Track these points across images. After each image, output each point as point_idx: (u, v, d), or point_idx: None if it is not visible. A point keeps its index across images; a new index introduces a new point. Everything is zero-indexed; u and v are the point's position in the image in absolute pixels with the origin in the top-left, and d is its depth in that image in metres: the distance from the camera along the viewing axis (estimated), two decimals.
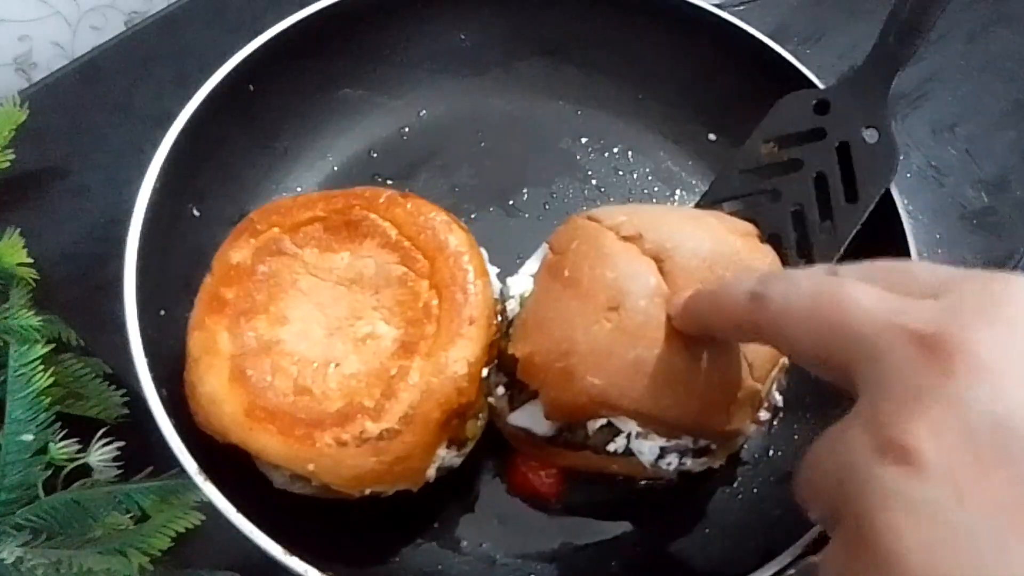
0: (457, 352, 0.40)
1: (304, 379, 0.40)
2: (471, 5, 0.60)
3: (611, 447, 0.42)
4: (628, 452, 0.42)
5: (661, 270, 0.39)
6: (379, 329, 0.41)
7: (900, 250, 0.49)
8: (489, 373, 0.43)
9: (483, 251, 0.45)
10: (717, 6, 0.58)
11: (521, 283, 0.45)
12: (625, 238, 0.40)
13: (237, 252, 0.44)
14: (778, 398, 0.45)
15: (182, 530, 0.44)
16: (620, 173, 0.60)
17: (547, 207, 0.59)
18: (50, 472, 0.44)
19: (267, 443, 0.39)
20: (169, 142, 0.48)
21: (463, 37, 0.61)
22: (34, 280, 0.49)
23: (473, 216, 0.58)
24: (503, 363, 0.42)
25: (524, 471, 0.47)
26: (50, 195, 0.58)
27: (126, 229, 0.45)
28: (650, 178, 0.60)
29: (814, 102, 0.51)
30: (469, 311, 0.41)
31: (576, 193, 0.59)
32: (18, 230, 0.50)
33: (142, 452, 0.45)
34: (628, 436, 0.41)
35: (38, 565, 0.41)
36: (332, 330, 0.42)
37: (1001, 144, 0.66)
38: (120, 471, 0.46)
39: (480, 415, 0.44)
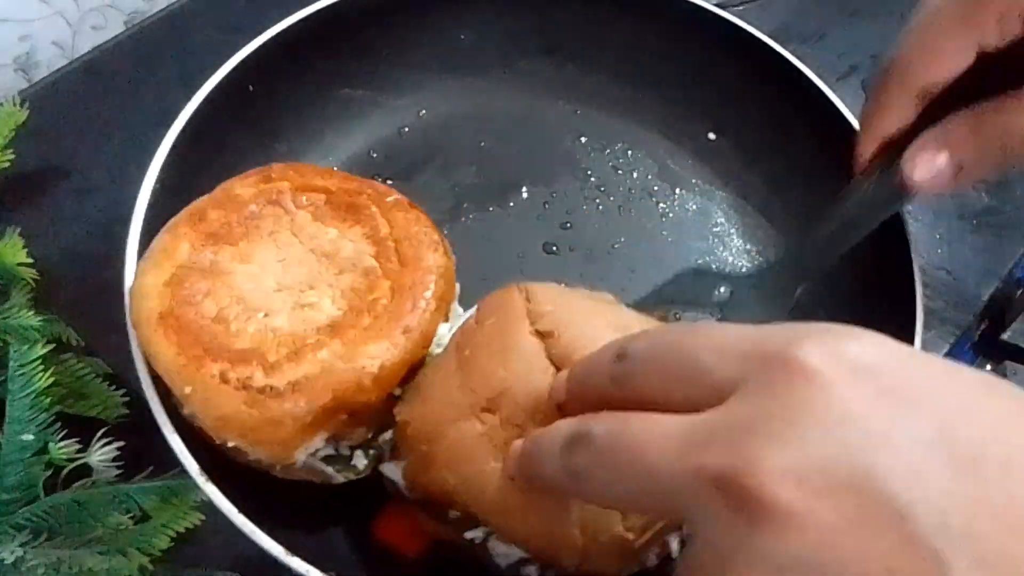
0: (376, 350, 0.39)
1: (229, 313, 0.40)
2: (471, 5, 0.60)
3: (469, 535, 0.39)
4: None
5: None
6: (323, 303, 0.41)
7: (901, 251, 0.49)
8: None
9: (457, 287, 0.45)
10: (718, 5, 0.58)
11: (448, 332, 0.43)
12: (538, 332, 0.37)
13: (242, 187, 0.45)
14: (675, 547, 0.40)
15: (182, 530, 0.44)
16: (620, 172, 0.60)
17: (547, 206, 0.59)
18: (50, 472, 0.44)
19: (162, 350, 0.39)
20: (169, 142, 0.48)
21: (463, 37, 0.61)
22: (34, 280, 0.49)
23: (473, 216, 0.58)
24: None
25: (391, 519, 0.44)
26: (51, 195, 0.58)
27: (127, 229, 0.45)
28: (650, 177, 0.60)
29: (719, 289, 0.50)
30: (408, 321, 0.41)
31: (576, 192, 0.59)
32: (18, 230, 0.50)
33: (143, 452, 0.45)
34: (488, 532, 0.38)
35: (38, 565, 0.41)
36: (282, 286, 0.42)
37: None
38: (120, 471, 0.46)
39: (374, 444, 0.43)
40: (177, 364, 0.39)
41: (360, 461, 0.43)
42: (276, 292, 0.42)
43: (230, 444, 0.40)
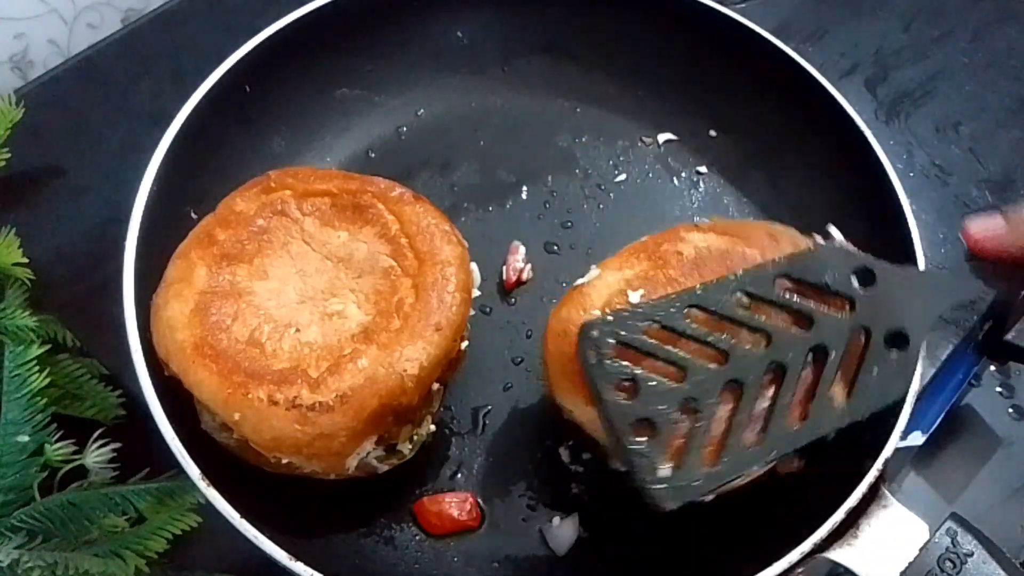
0: (413, 352, 0.40)
1: (261, 333, 0.41)
2: (469, 3, 0.60)
3: None
4: None
5: None
6: (349, 310, 0.42)
7: (905, 249, 0.49)
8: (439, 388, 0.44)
9: (475, 270, 0.45)
10: (719, 2, 0.58)
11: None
12: None
13: (244, 201, 0.45)
14: None
15: (179, 532, 0.43)
16: (620, 170, 0.60)
17: (547, 205, 0.58)
18: (46, 473, 0.44)
19: (204, 379, 0.39)
20: (166, 144, 0.48)
21: (461, 35, 0.61)
22: (30, 280, 0.48)
23: (472, 215, 0.57)
24: None
25: (433, 510, 0.46)
26: (46, 194, 0.58)
27: (122, 229, 0.45)
28: (651, 175, 0.60)
29: (858, 267, 0.41)
30: (438, 318, 0.41)
31: (576, 190, 0.59)
32: (14, 229, 0.50)
33: (138, 454, 0.45)
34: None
35: (34, 567, 0.41)
36: (305, 298, 0.42)
37: (1006, 143, 0.65)
38: (116, 472, 0.46)
39: (417, 432, 0.44)
40: (223, 393, 0.39)
41: (405, 447, 0.44)
42: (300, 304, 0.42)
43: (284, 461, 0.40)
